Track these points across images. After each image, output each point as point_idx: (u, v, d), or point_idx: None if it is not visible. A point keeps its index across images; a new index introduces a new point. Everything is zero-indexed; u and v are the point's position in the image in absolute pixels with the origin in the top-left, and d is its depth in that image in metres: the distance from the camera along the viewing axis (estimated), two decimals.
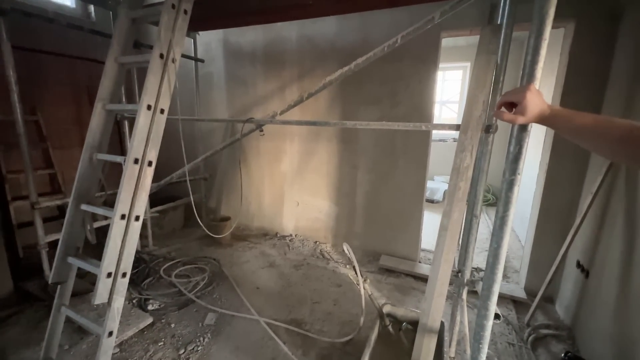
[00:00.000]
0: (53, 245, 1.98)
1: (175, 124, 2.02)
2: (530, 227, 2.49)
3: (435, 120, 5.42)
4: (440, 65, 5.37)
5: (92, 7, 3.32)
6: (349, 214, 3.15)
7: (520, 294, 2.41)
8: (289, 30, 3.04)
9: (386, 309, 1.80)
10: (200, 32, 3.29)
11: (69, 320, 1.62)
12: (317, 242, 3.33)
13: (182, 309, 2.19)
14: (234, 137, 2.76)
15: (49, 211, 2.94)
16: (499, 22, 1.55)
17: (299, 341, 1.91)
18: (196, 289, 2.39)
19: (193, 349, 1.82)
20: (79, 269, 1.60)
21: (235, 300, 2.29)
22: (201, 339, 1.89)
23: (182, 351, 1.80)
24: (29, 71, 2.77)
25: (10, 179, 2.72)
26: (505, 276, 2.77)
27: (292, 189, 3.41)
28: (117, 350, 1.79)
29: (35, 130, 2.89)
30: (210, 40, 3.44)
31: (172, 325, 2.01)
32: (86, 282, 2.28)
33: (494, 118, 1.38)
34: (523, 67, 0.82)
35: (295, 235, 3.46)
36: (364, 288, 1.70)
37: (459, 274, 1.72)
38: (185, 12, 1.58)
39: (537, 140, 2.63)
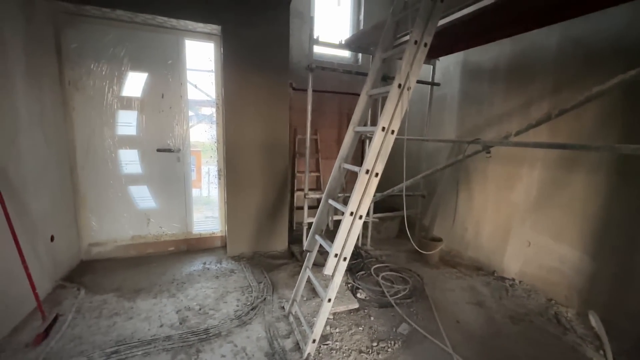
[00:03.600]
0: (309, 225, 2.86)
1: (403, 143, 2.27)
2: None
3: None
4: None
5: (359, 55, 4.37)
6: (618, 277, 2.16)
7: None
8: (546, 36, 2.56)
9: None
10: (439, 58, 3.47)
11: (309, 280, 2.28)
12: (552, 301, 2.54)
13: (381, 308, 2.42)
14: (457, 157, 2.70)
15: (311, 201, 4.18)
16: None
17: None
18: (396, 296, 2.55)
19: (384, 347, 1.97)
20: (320, 245, 2.20)
21: (431, 323, 2.23)
22: (392, 342, 2.02)
23: (375, 344, 2.00)
24: (317, 105, 4.07)
25: (297, 177, 4.14)
26: None
27: (523, 224, 2.82)
28: (332, 317, 2.27)
29: (314, 145, 4.21)
30: (448, 63, 3.54)
31: (372, 318, 2.28)
32: (322, 259, 3.05)
33: None
34: None
35: (519, 282, 2.82)
36: None
37: None
38: (425, 45, 1.76)
39: None
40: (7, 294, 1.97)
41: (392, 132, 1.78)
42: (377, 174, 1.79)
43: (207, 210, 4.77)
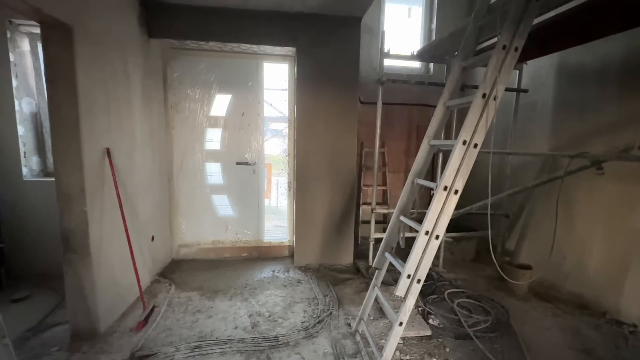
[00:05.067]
0: (376, 240, 2.77)
1: (484, 157, 2.06)
2: None
3: None
4: None
5: (431, 65, 4.18)
6: None
7: None
8: None
9: None
10: (527, 62, 3.10)
11: (377, 299, 2.18)
12: None
13: (458, 339, 2.17)
14: (553, 174, 2.34)
15: (378, 216, 4.07)
16: None
17: None
18: (476, 328, 2.27)
19: None
20: (390, 263, 2.10)
21: None
22: None
23: None
24: (385, 118, 3.99)
25: (363, 190, 4.08)
26: None
27: None
28: (401, 342, 2.13)
29: (381, 158, 4.12)
30: (539, 67, 3.13)
31: (447, 350, 2.06)
32: (389, 277, 2.91)
33: None
34: None
35: None
36: None
37: None
38: (516, 49, 1.59)
39: None
40: (120, 284, 2.35)
41: (475, 145, 1.63)
42: (456, 191, 1.64)
43: (275, 219, 5.03)
